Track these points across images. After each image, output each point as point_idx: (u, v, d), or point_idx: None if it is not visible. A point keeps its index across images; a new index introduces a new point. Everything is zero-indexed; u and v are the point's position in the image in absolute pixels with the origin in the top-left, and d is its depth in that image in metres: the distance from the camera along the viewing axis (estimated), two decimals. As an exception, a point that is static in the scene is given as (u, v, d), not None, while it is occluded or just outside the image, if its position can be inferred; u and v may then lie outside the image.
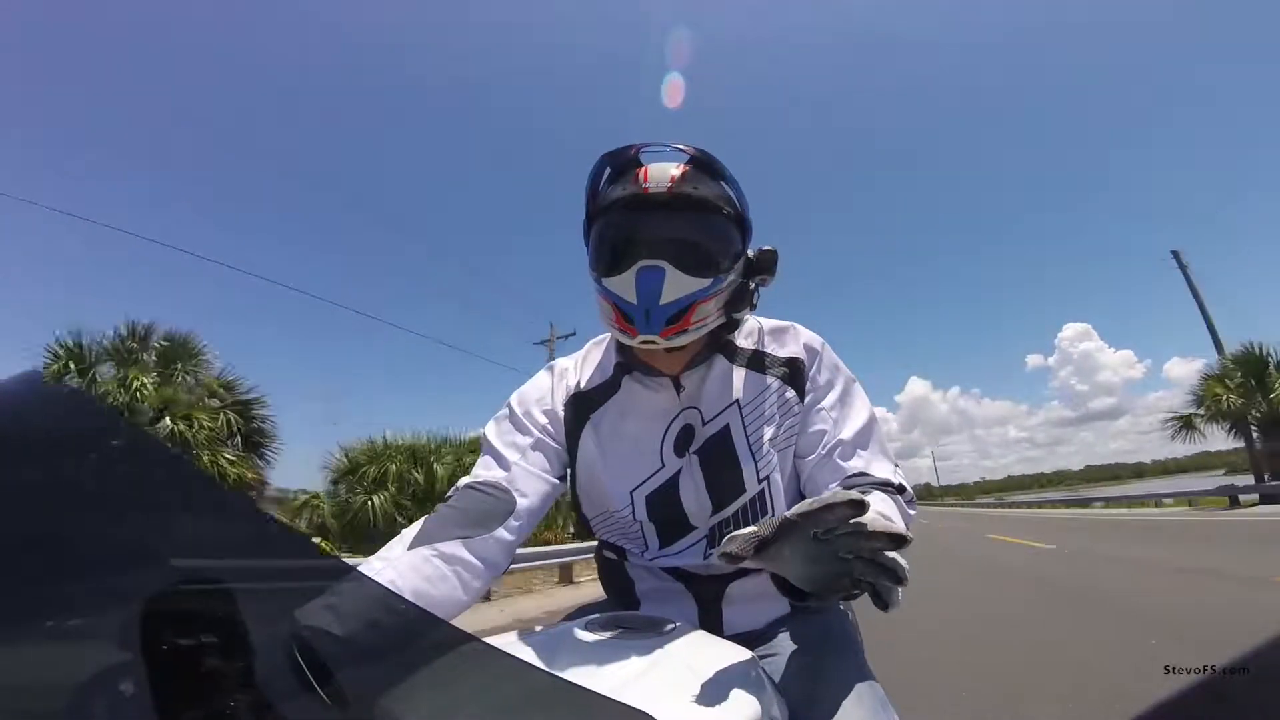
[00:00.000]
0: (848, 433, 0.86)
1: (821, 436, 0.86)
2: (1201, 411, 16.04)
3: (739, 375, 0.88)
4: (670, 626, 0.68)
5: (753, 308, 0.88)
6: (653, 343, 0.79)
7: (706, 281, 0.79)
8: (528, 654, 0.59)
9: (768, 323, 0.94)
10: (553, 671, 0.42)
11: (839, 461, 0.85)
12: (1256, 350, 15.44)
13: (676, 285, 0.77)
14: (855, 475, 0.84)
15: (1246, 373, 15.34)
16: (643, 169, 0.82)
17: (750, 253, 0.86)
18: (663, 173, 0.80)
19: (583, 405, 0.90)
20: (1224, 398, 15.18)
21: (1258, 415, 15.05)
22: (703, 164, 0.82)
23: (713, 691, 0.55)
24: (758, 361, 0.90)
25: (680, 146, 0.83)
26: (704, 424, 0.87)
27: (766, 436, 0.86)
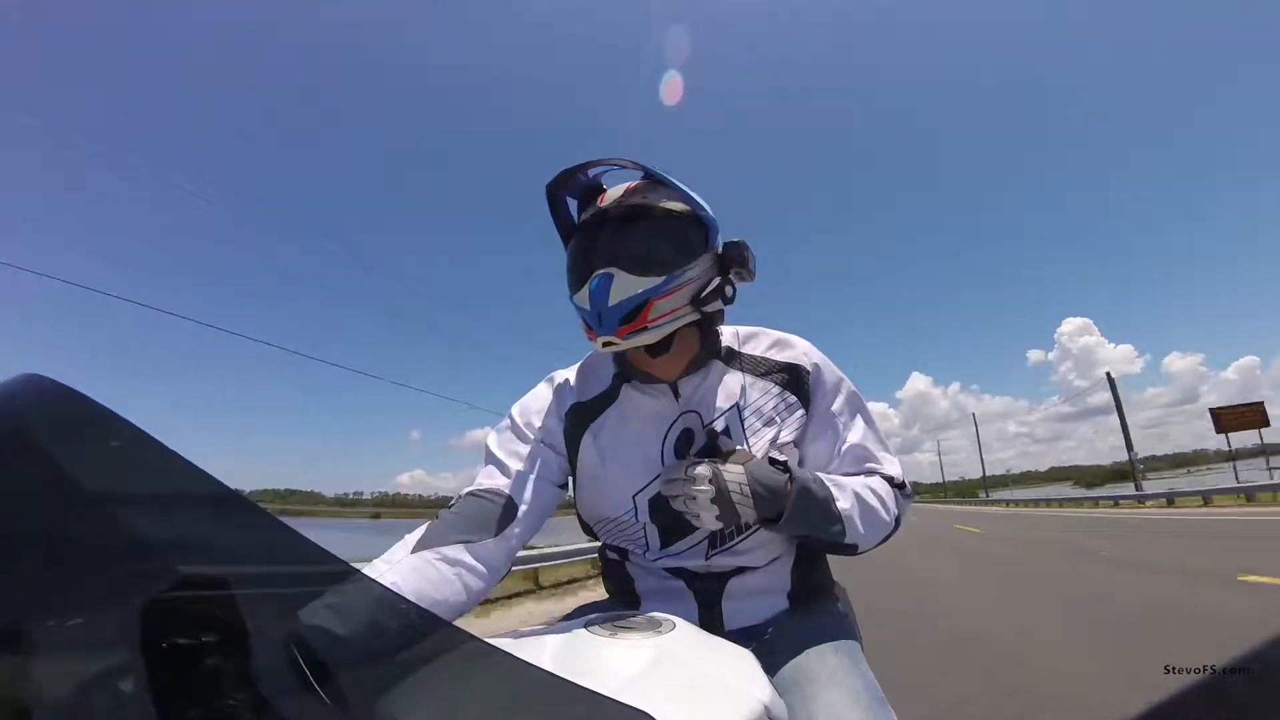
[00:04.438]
0: (857, 436, 0.92)
1: (834, 442, 0.92)
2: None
3: (737, 379, 0.92)
4: (670, 626, 0.68)
5: (728, 301, 0.89)
6: (612, 343, 0.82)
7: (658, 279, 0.81)
8: (528, 654, 0.59)
9: (764, 331, 0.98)
10: (553, 671, 0.42)
11: (851, 461, 0.91)
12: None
13: (624, 286, 0.80)
14: (867, 472, 0.91)
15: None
16: (603, 193, 0.89)
17: (718, 248, 0.89)
18: (615, 191, 0.88)
19: (582, 414, 0.93)
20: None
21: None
22: (653, 176, 0.87)
23: (712, 690, 0.55)
24: (755, 366, 0.93)
25: (624, 163, 0.87)
26: (704, 427, 0.89)
27: (766, 437, 0.88)
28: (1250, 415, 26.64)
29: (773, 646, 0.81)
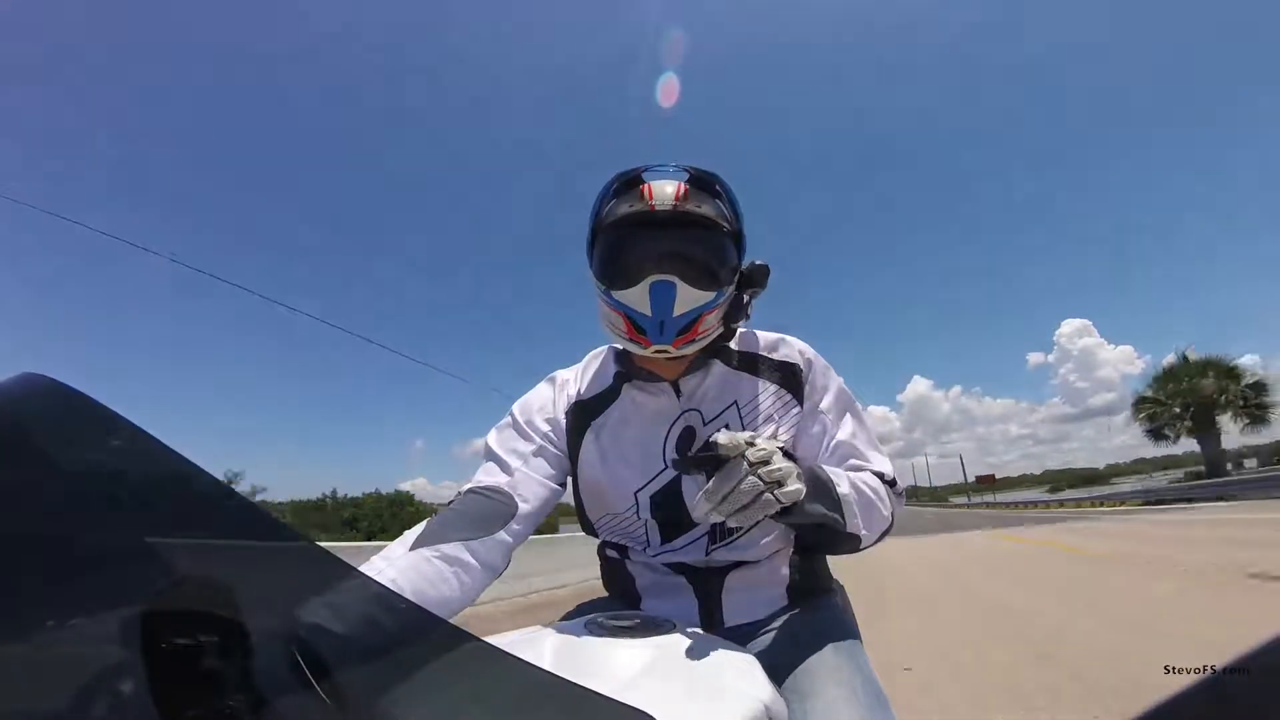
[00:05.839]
0: (845, 433, 0.92)
1: (822, 438, 0.92)
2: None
3: (736, 378, 0.93)
4: (669, 625, 0.68)
5: (747, 318, 0.92)
6: (665, 352, 0.84)
7: (712, 294, 0.83)
8: (528, 654, 0.59)
9: (761, 333, 0.98)
10: (553, 671, 0.42)
11: (839, 457, 0.91)
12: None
13: (687, 298, 0.81)
14: (856, 469, 0.89)
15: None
16: (646, 186, 0.85)
17: (744, 267, 0.90)
18: (665, 191, 0.84)
19: (584, 413, 0.93)
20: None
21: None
22: (702, 182, 0.86)
23: (711, 690, 0.55)
24: (753, 365, 0.94)
25: (682, 166, 0.87)
26: (705, 425, 0.90)
27: (765, 435, 0.88)
28: (992, 479, 74.28)
29: (772, 643, 0.82)
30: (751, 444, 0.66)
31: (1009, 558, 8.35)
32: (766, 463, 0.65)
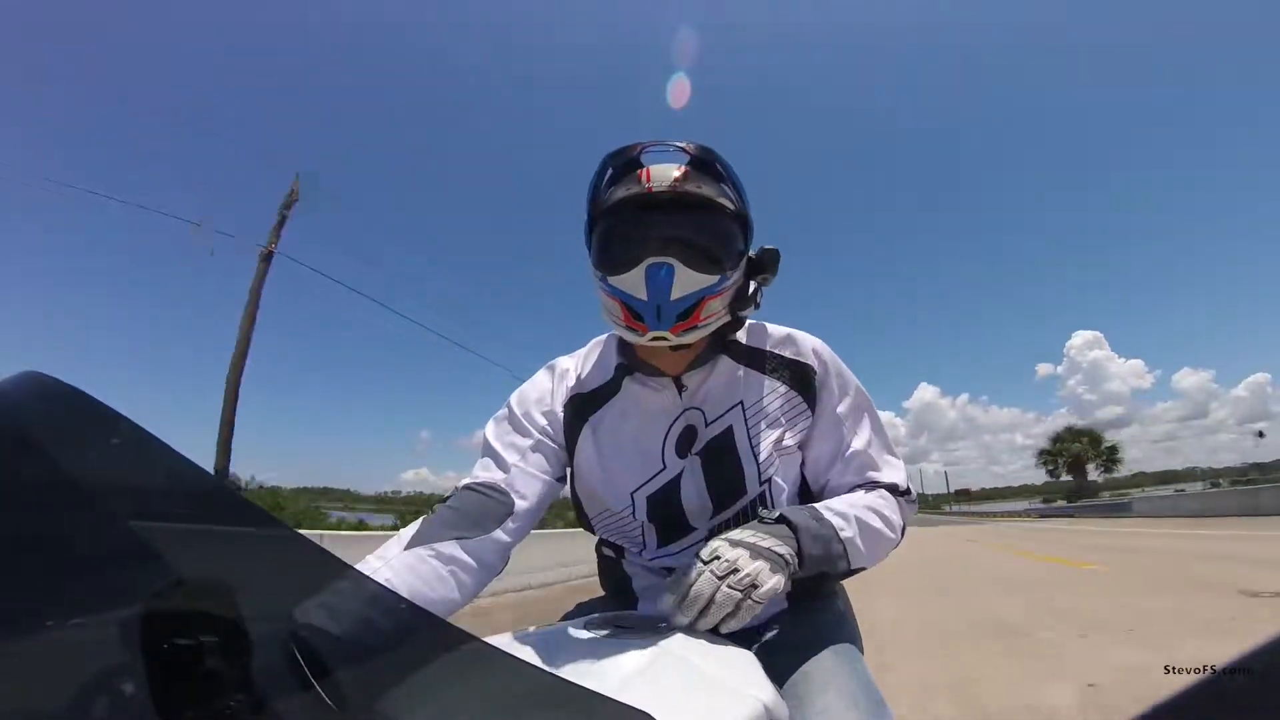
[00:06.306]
0: (861, 441, 0.89)
1: (838, 445, 0.89)
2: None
3: (743, 376, 0.89)
4: (669, 625, 0.68)
5: (756, 306, 0.87)
6: (663, 339, 0.79)
7: (714, 278, 0.79)
8: (527, 654, 0.59)
9: (773, 327, 0.94)
10: (552, 671, 0.42)
11: (854, 468, 0.88)
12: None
13: (686, 281, 0.77)
14: (869, 483, 0.88)
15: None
16: (644, 169, 0.81)
17: (752, 252, 0.86)
18: (665, 173, 0.80)
19: (583, 406, 0.90)
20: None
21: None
22: (703, 163, 0.82)
23: (711, 690, 0.55)
24: (762, 363, 0.90)
25: (682, 146, 0.83)
26: (706, 425, 0.87)
27: (770, 439, 0.86)
28: (967, 493, 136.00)
29: (771, 647, 0.80)
30: (716, 557, 0.68)
31: (919, 537, 16.03)
32: (735, 570, 0.67)
